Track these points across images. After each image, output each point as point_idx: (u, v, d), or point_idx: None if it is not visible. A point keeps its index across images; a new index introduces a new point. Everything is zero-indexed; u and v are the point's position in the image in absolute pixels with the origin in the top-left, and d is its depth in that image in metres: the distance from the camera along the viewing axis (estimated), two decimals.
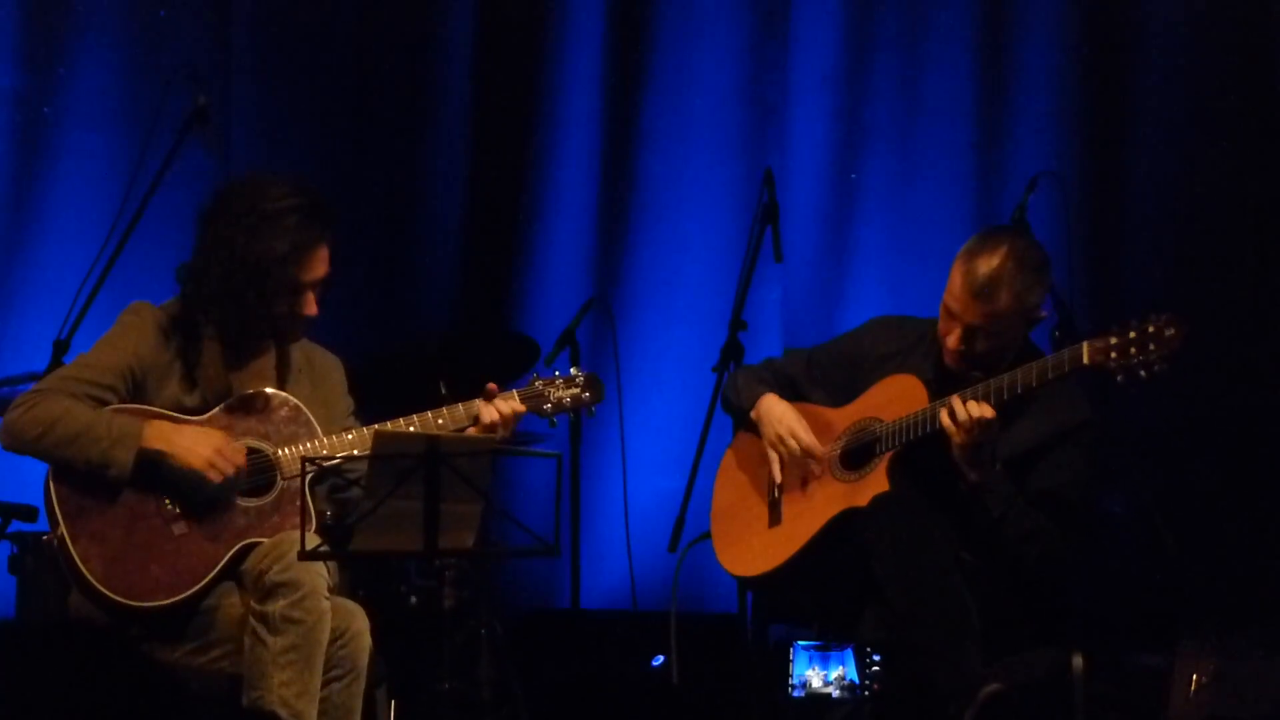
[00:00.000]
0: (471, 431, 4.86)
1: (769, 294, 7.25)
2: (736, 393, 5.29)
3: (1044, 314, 4.98)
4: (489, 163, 7.54)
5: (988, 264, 4.87)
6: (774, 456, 5.14)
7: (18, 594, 5.83)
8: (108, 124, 7.14)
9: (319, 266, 4.86)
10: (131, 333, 4.79)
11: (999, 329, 4.89)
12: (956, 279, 4.91)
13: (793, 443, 5.08)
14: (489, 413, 4.87)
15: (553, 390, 5.03)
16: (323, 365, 5.02)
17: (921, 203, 7.33)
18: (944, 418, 4.80)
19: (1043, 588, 4.96)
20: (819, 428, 5.11)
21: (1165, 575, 6.38)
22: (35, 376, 4.97)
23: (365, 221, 7.38)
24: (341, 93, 7.48)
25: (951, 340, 4.93)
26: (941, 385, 4.96)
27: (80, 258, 6.08)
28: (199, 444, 4.65)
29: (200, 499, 4.66)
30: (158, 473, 4.64)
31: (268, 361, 4.91)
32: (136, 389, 4.74)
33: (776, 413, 5.16)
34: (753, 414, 5.19)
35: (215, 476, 4.63)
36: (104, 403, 4.68)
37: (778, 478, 5.14)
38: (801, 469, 5.12)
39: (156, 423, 4.66)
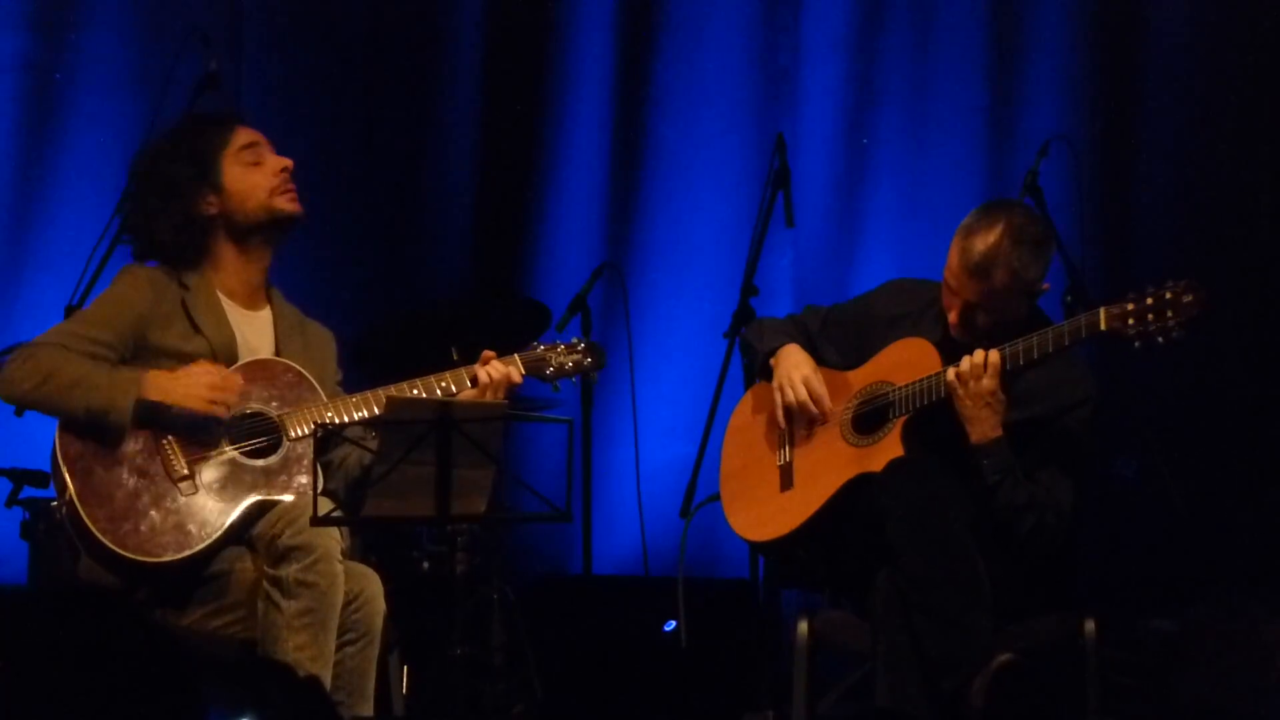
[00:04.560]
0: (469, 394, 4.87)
1: (781, 259, 7.25)
2: (759, 337, 5.26)
3: (1046, 286, 4.96)
4: (500, 127, 7.54)
5: (983, 241, 4.85)
6: (779, 400, 5.12)
7: (30, 560, 5.85)
8: (119, 89, 7.14)
9: (251, 134, 4.93)
10: (126, 289, 4.81)
11: (997, 305, 4.88)
12: (954, 256, 4.90)
13: (801, 387, 5.06)
14: (482, 374, 4.88)
15: (554, 355, 5.02)
16: (315, 332, 5.04)
17: (933, 167, 7.32)
18: (950, 373, 4.80)
19: (1049, 555, 4.96)
20: (831, 389, 5.10)
21: (1177, 539, 6.38)
22: None
23: (376, 187, 7.39)
24: (352, 58, 7.47)
25: (952, 316, 4.93)
26: (949, 350, 4.96)
27: (91, 223, 6.09)
28: (194, 386, 4.65)
29: (206, 439, 4.67)
30: (159, 421, 4.66)
31: (264, 315, 4.94)
32: (137, 343, 4.75)
33: (794, 359, 5.14)
34: (772, 360, 5.18)
35: (221, 411, 4.66)
36: (103, 358, 4.69)
37: (781, 421, 5.13)
38: (812, 427, 5.11)
39: (154, 373, 4.67)
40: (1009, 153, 7.18)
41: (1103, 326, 4.66)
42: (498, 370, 4.88)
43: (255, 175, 4.89)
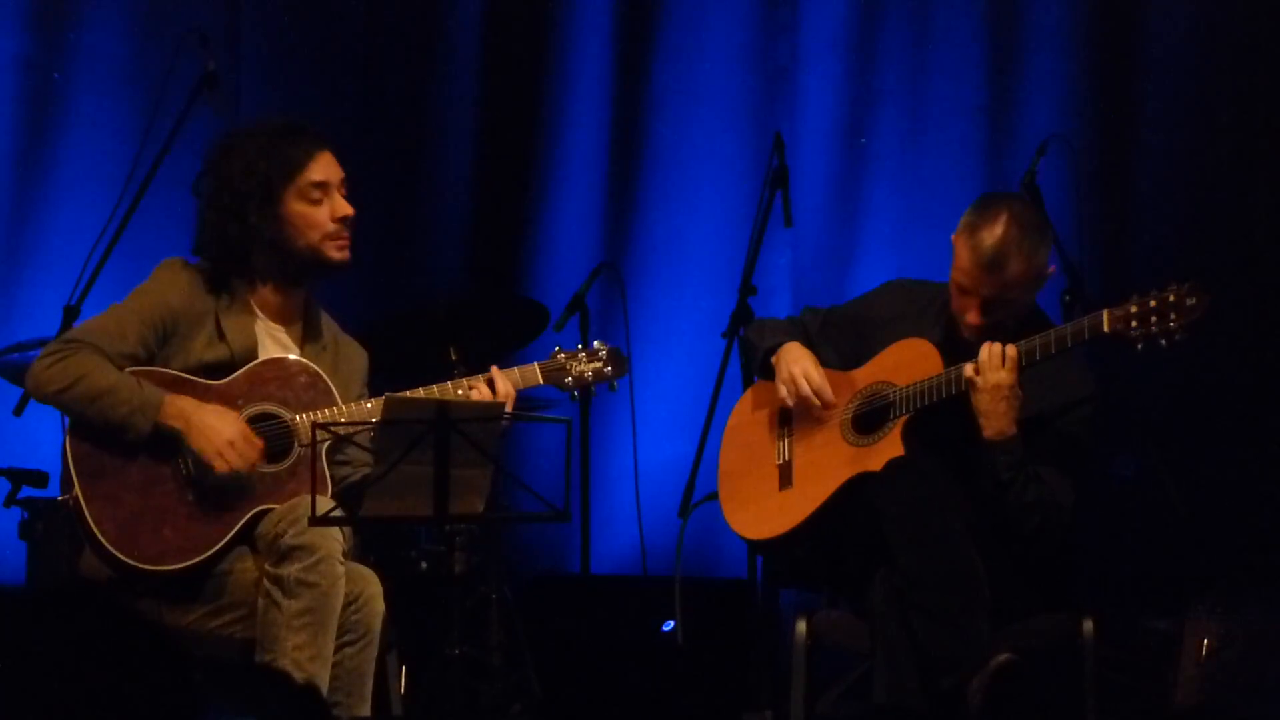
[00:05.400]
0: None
1: (779, 259, 7.24)
2: (759, 336, 5.27)
3: (1051, 269, 4.98)
4: (498, 127, 7.53)
5: (991, 235, 4.85)
6: (783, 394, 5.12)
7: (28, 560, 5.85)
8: (117, 89, 7.13)
9: (327, 169, 4.87)
10: (163, 285, 4.80)
11: (1013, 295, 4.90)
12: (964, 255, 4.89)
13: (804, 383, 5.06)
14: (488, 393, 4.86)
15: (574, 364, 5.01)
16: (347, 349, 5.01)
17: (931, 166, 7.32)
18: (969, 369, 4.80)
19: (1049, 554, 4.96)
20: (832, 388, 5.10)
21: (1176, 539, 6.38)
22: (45, 343, 4.98)
23: (374, 185, 7.37)
24: (350, 58, 7.47)
25: (971, 317, 4.91)
26: (950, 352, 4.96)
27: (90, 223, 6.09)
28: (215, 430, 4.63)
29: (208, 478, 4.66)
30: (174, 443, 4.65)
31: (294, 331, 4.92)
32: (166, 339, 4.74)
33: (795, 354, 5.14)
34: (774, 358, 5.18)
35: (221, 466, 4.62)
36: (132, 355, 4.69)
37: (780, 421, 5.13)
38: (811, 426, 5.11)
39: (179, 398, 4.66)
40: (1007, 152, 7.17)
41: (1106, 328, 4.67)
42: (501, 389, 4.87)
43: (314, 214, 4.83)
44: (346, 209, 4.86)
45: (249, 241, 4.80)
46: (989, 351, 4.79)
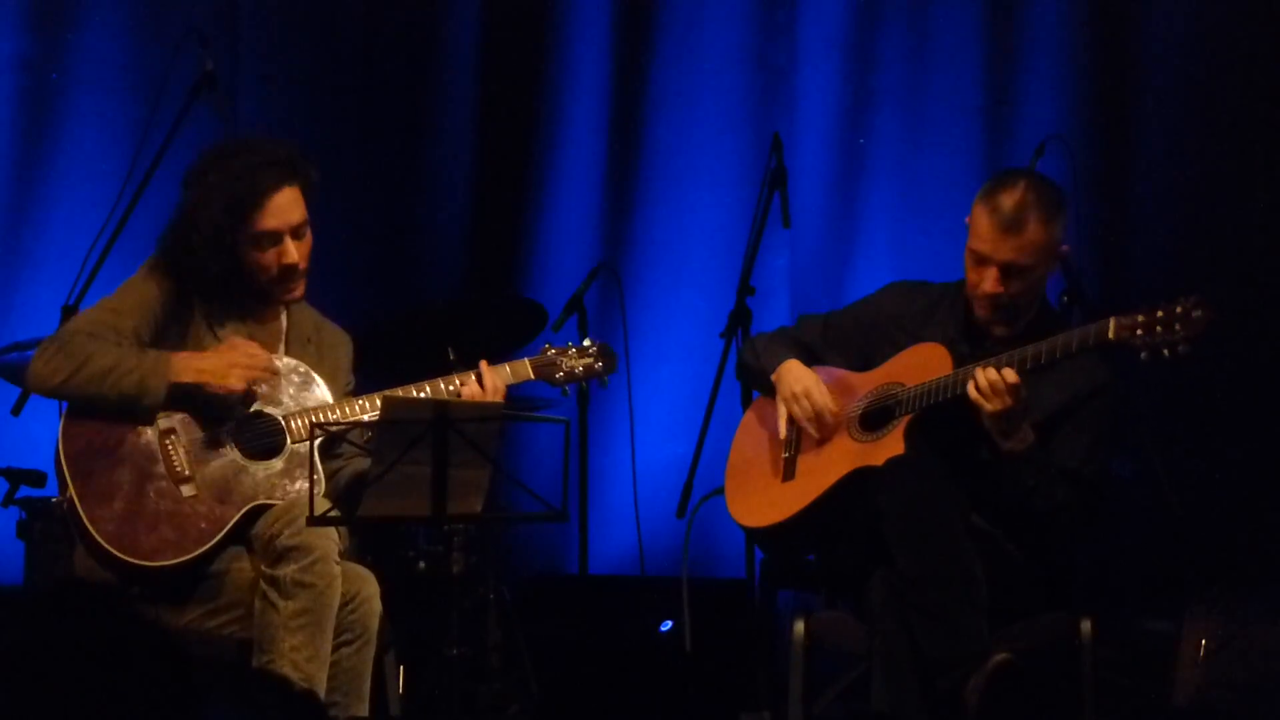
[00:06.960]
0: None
1: (777, 259, 7.24)
2: (756, 357, 5.26)
3: (1066, 248, 4.99)
4: (497, 127, 7.53)
5: (1010, 198, 4.88)
6: (783, 412, 5.12)
7: (25, 559, 5.85)
8: (116, 89, 7.13)
9: (281, 213, 4.80)
10: (150, 282, 4.82)
11: (1031, 262, 4.89)
12: (982, 220, 4.90)
13: (806, 402, 5.07)
14: (477, 389, 4.86)
15: (565, 359, 5.03)
16: (331, 338, 5.02)
17: (929, 167, 7.32)
18: (971, 390, 4.79)
19: (1054, 554, 4.97)
20: (841, 390, 5.10)
21: (1173, 540, 6.38)
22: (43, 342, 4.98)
23: (372, 187, 7.38)
24: (348, 58, 7.47)
25: (988, 284, 4.91)
26: (966, 345, 4.96)
27: (89, 223, 6.10)
28: (225, 365, 4.68)
29: (240, 416, 4.71)
30: (190, 401, 4.68)
31: (278, 326, 4.93)
32: (159, 333, 4.75)
33: (797, 373, 5.14)
34: (773, 376, 5.18)
35: (258, 389, 4.71)
36: (129, 343, 4.70)
37: (782, 433, 5.13)
38: (816, 430, 5.11)
39: (183, 355, 4.69)
40: (1005, 152, 7.17)
41: (1111, 336, 4.68)
42: (489, 383, 4.88)
43: (262, 259, 4.80)
44: (292, 257, 4.81)
45: (203, 274, 4.80)
46: (987, 380, 4.78)
